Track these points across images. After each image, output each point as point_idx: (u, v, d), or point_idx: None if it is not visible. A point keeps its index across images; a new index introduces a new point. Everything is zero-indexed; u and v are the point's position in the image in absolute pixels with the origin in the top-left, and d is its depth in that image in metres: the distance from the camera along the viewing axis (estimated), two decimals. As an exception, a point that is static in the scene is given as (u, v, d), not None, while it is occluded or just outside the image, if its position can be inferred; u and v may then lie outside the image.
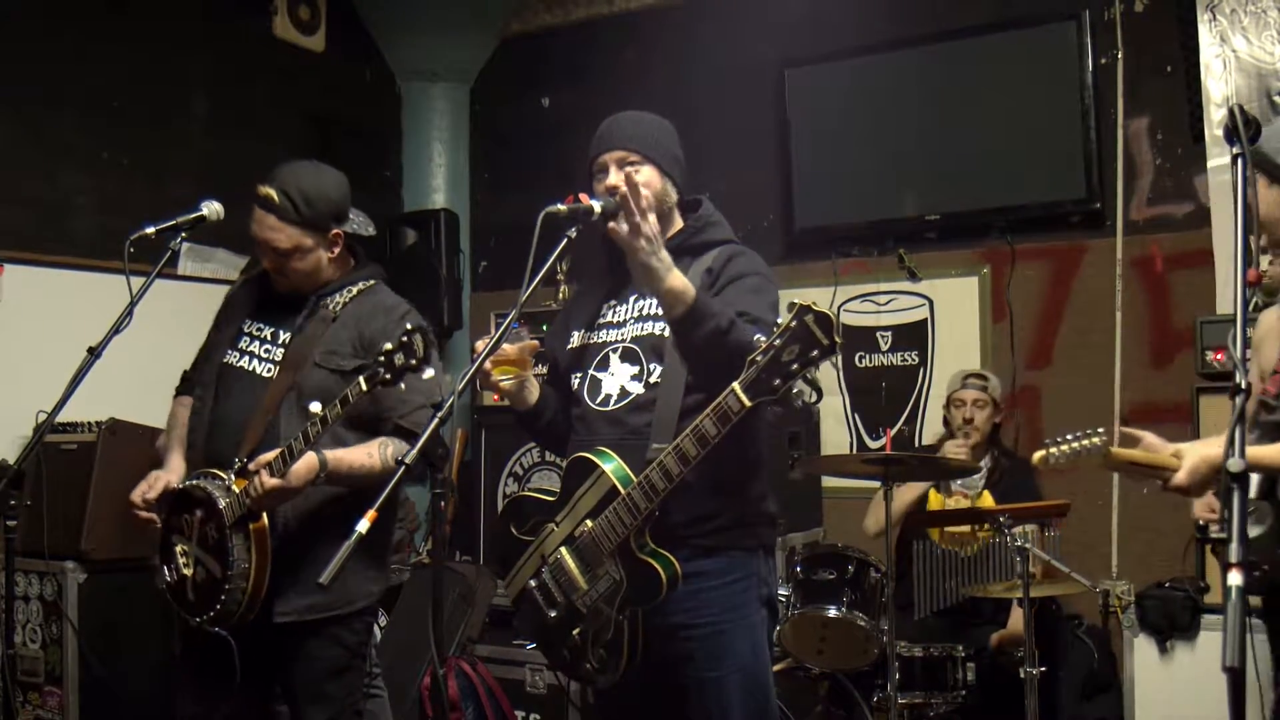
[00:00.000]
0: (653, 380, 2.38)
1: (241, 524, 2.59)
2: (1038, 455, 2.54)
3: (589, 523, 2.30)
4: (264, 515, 2.60)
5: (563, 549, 2.35)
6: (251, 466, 2.55)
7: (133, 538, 2.75)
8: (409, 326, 2.35)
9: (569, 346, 2.52)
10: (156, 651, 3.64)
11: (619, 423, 2.38)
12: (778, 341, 2.00)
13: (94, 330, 2.73)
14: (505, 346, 2.33)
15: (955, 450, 3.93)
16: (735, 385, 2.06)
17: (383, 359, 2.34)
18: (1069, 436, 2.49)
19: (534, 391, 2.49)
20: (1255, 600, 2.43)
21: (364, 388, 2.40)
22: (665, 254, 2.20)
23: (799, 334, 1.98)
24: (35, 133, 4.31)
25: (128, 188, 4.54)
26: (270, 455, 2.52)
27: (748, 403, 2.04)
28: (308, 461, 2.53)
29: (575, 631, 2.34)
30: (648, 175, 2.42)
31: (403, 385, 2.57)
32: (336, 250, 2.76)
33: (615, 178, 2.38)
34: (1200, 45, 4.19)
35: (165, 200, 4.21)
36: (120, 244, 2.71)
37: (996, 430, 4.14)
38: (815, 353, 1.98)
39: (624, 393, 2.40)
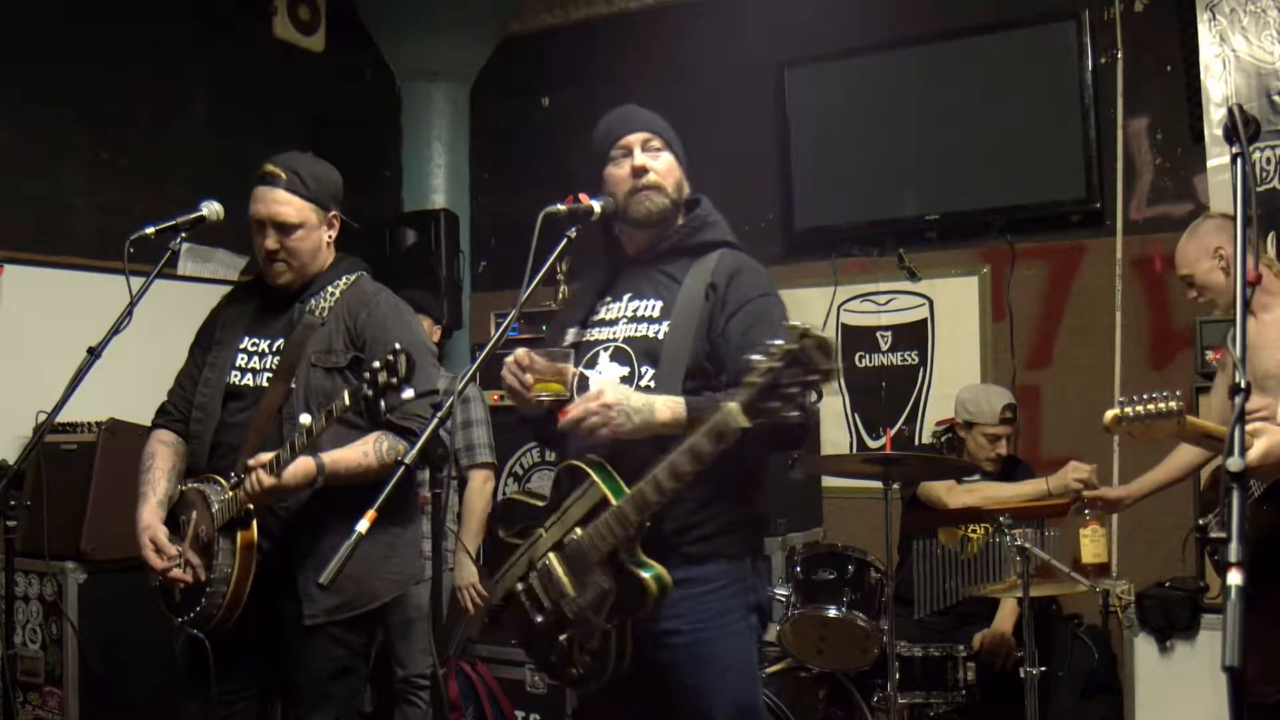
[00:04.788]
0: (644, 384, 2.34)
1: (230, 530, 2.59)
2: (1110, 415, 2.46)
3: (578, 531, 2.27)
4: (253, 525, 2.60)
5: (552, 555, 2.32)
6: (251, 463, 2.54)
7: (133, 538, 2.74)
8: (396, 346, 2.33)
9: (564, 343, 2.47)
10: (156, 651, 3.63)
11: None
12: (778, 364, 1.94)
13: (94, 330, 2.73)
14: (540, 362, 2.29)
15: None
16: (732, 405, 2.01)
17: (368, 375, 2.33)
18: (1145, 397, 2.41)
19: None
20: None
21: (346, 403, 2.39)
22: (634, 403, 2.19)
23: (799, 358, 1.93)
24: (35, 133, 4.30)
25: (128, 188, 4.54)
26: (267, 455, 2.52)
27: (745, 423, 2.00)
28: (304, 465, 2.53)
29: (563, 637, 2.32)
30: (668, 162, 2.43)
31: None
32: (333, 234, 2.79)
33: (641, 158, 2.39)
34: (1200, 45, 4.19)
35: (165, 200, 4.22)
36: (120, 244, 2.71)
37: None
38: (814, 378, 1.94)
39: None
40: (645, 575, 2.19)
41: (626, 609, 2.23)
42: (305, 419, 2.47)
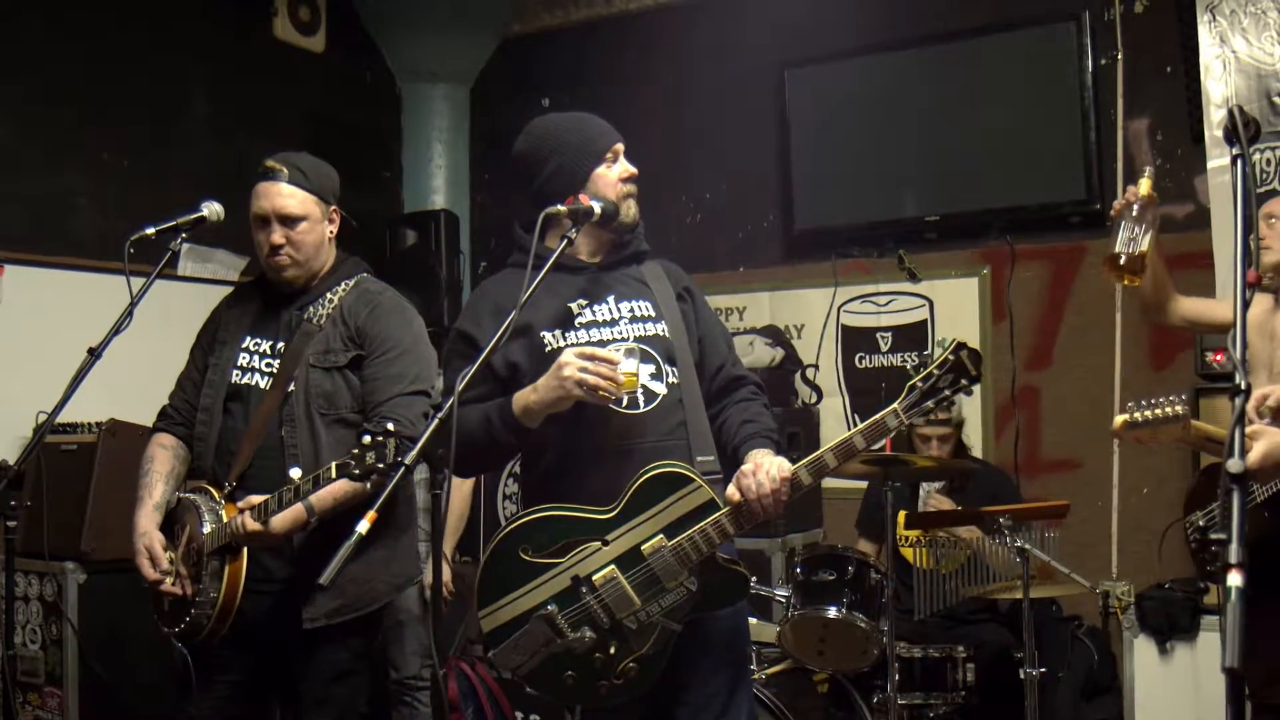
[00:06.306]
0: (672, 381, 2.37)
1: (220, 554, 2.59)
2: (1119, 420, 2.57)
3: (663, 538, 2.23)
4: (243, 554, 2.60)
5: (613, 566, 2.26)
6: (241, 505, 2.55)
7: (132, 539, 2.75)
8: (389, 427, 2.25)
9: (547, 349, 2.35)
10: (156, 651, 3.64)
11: (653, 427, 2.33)
12: (937, 371, 2.25)
13: (94, 330, 2.73)
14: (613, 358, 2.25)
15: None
16: (896, 406, 2.24)
17: (355, 452, 2.28)
18: (1152, 402, 2.51)
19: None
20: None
21: (334, 475, 2.37)
22: (785, 464, 2.27)
23: (955, 366, 2.25)
24: (35, 133, 4.31)
25: (128, 188, 4.54)
26: (257, 499, 2.53)
27: (907, 421, 2.26)
28: (294, 512, 2.53)
29: (610, 651, 2.25)
30: None
31: (373, 377, 2.65)
32: (334, 229, 2.79)
33: (630, 167, 2.47)
34: (1200, 46, 4.19)
35: (165, 200, 4.21)
36: (120, 244, 2.71)
37: (960, 444, 4.13)
38: (964, 381, 2.26)
39: (650, 393, 2.35)
40: (742, 569, 2.29)
41: (719, 604, 2.31)
42: (295, 473, 2.46)
